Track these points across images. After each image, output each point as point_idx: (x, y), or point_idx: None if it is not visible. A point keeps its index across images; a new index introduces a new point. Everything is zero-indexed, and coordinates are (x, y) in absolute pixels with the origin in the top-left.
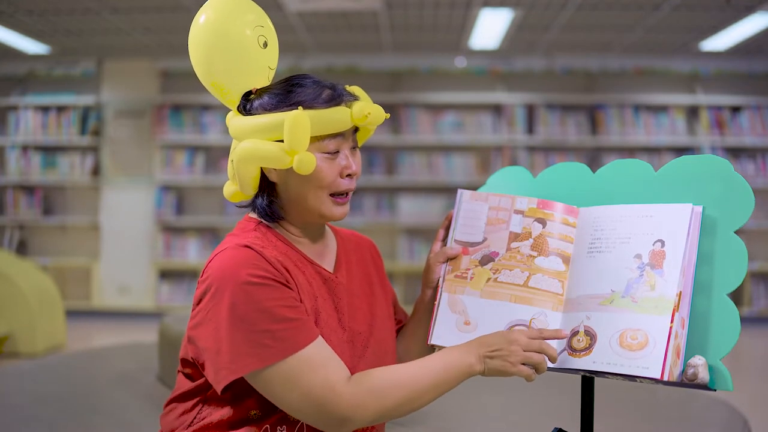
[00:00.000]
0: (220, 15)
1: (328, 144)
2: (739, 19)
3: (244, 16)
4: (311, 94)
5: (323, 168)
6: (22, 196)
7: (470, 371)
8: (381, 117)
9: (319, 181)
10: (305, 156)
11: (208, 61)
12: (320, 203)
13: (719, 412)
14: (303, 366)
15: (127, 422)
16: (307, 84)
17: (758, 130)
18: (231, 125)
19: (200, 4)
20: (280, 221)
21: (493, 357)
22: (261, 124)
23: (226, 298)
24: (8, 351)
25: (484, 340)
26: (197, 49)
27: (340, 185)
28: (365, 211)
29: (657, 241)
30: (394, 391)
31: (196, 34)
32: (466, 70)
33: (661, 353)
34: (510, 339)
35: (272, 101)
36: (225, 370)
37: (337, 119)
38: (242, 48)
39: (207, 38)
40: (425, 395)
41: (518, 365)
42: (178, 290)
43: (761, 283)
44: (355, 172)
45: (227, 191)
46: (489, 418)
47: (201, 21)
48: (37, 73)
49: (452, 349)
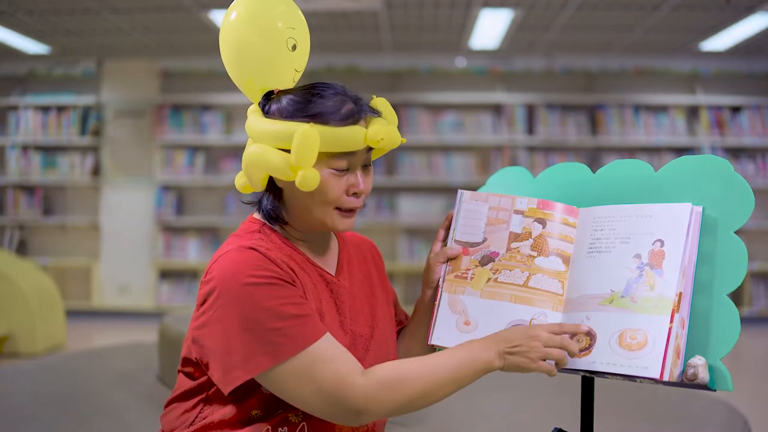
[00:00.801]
0: (253, 16)
1: (339, 161)
2: (739, 19)
3: (277, 19)
4: (330, 108)
5: (330, 183)
6: (22, 196)
7: (489, 367)
8: (396, 141)
9: (323, 196)
10: (309, 172)
11: (238, 62)
12: (324, 216)
13: (719, 412)
14: (315, 360)
15: (127, 422)
16: (328, 96)
17: (758, 130)
18: (248, 122)
19: (200, 4)
20: (284, 225)
21: (513, 353)
22: (273, 131)
23: (233, 300)
24: (8, 351)
25: (503, 335)
26: (228, 45)
27: (345, 202)
28: (365, 211)
29: (656, 240)
30: (409, 384)
31: (227, 30)
32: (466, 70)
33: (660, 353)
34: (531, 335)
35: (290, 108)
36: (238, 370)
37: (350, 138)
38: (271, 49)
39: (239, 40)
40: (441, 389)
41: (538, 361)
42: (178, 290)
43: (761, 283)
44: (362, 191)
45: (239, 182)
46: (489, 418)
47: (233, 21)
48: (37, 73)
49: (471, 343)
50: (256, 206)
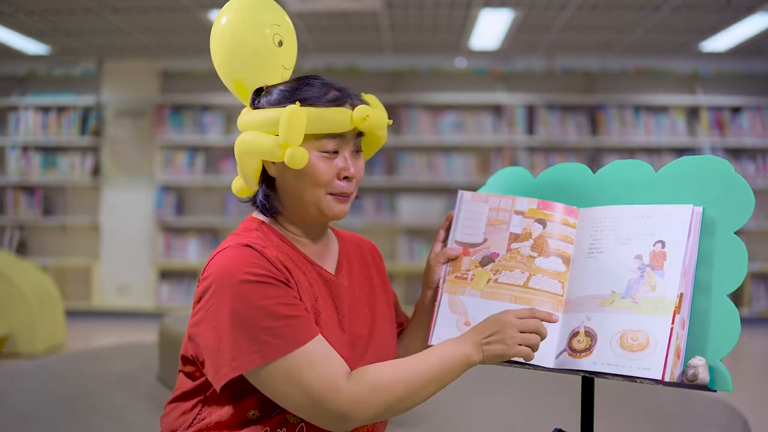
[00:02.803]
0: (239, 15)
1: (327, 143)
2: (739, 19)
3: (262, 16)
4: (316, 93)
5: (319, 166)
6: (22, 196)
7: (468, 361)
8: (382, 121)
9: (314, 178)
10: (297, 150)
11: (229, 60)
12: (317, 201)
13: (719, 412)
14: (303, 362)
15: (127, 422)
16: (315, 84)
17: (758, 130)
18: (240, 121)
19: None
20: (282, 221)
21: (490, 342)
22: (262, 119)
23: (226, 297)
24: (8, 351)
25: (477, 328)
26: (218, 50)
27: (336, 186)
28: (365, 212)
29: (657, 241)
30: (393, 387)
31: (216, 35)
32: (466, 71)
33: (662, 354)
34: (503, 321)
35: (278, 97)
36: (226, 368)
37: (336, 119)
38: (258, 47)
39: (227, 39)
40: (425, 389)
41: (516, 346)
42: (178, 290)
43: (761, 284)
44: (353, 175)
45: (235, 186)
46: (489, 419)
47: (222, 22)
48: (37, 73)
49: (448, 341)
50: (252, 201)
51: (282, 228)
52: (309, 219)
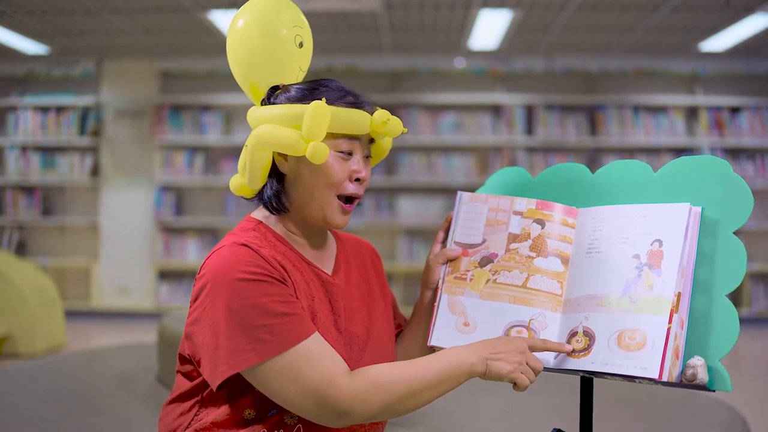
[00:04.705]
0: (258, 17)
1: (342, 144)
2: (739, 19)
3: (281, 16)
4: (335, 95)
5: (334, 166)
6: (21, 197)
7: (471, 371)
8: (399, 127)
9: (327, 178)
10: (320, 145)
11: (247, 62)
12: (326, 203)
13: (719, 412)
14: (301, 359)
15: (127, 422)
16: (332, 86)
17: (757, 130)
18: (252, 115)
19: (200, 5)
20: (284, 219)
21: (497, 359)
22: (282, 113)
23: (222, 295)
24: (8, 351)
25: (487, 342)
26: (235, 51)
27: (348, 188)
28: (365, 212)
29: (655, 241)
30: (393, 386)
31: (234, 37)
32: (466, 71)
33: (659, 353)
34: (515, 345)
35: (297, 95)
36: (223, 366)
37: (357, 121)
38: (279, 48)
39: (245, 40)
40: (426, 393)
41: (518, 373)
42: (177, 290)
43: (760, 284)
44: (364, 177)
45: (234, 184)
46: (489, 419)
47: (240, 24)
48: (36, 73)
49: (456, 348)
50: (257, 197)
51: (282, 227)
52: (311, 221)
